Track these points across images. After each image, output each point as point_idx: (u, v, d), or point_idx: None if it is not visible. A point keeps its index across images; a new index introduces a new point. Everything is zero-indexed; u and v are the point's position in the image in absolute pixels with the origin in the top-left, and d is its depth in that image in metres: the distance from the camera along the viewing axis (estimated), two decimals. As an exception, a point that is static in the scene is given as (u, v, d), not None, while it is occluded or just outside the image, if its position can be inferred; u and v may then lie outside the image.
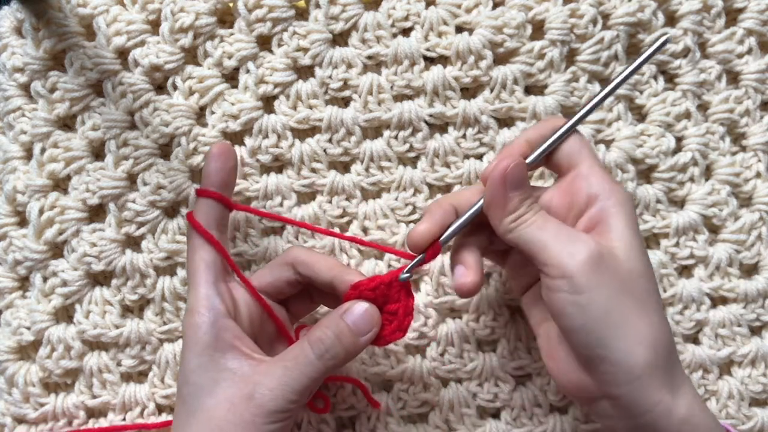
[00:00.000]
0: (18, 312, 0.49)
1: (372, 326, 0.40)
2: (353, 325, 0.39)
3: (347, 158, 0.49)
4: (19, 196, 0.48)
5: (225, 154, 0.43)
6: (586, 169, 0.39)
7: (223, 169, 0.43)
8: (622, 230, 0.37)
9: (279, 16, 0.48)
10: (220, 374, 0.39)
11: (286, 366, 0.38)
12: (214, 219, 0.43)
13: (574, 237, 0.37)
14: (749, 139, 0.51)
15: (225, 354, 0.39)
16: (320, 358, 0.38)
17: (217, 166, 0.43)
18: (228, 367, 0.39)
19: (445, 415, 0.49)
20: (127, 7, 0.48)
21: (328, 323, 0.40)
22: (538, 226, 0.38)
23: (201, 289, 0.41)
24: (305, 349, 0.39)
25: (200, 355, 0.39)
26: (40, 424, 0.49)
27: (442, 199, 0.42)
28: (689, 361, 0.50)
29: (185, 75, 0.48)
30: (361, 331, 0.40)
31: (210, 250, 0.42)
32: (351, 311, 0.40)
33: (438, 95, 0.49)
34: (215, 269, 0.42)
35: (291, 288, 0.44)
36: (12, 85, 0.48)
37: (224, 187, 0.43)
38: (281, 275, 0.44)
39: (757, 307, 0.50)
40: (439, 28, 0.48)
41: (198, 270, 0.41)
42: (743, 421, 0.50)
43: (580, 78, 0.49)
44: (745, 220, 0.50)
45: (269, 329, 0.44)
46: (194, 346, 0.39)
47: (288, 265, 0.43)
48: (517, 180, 0.38)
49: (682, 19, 0.50)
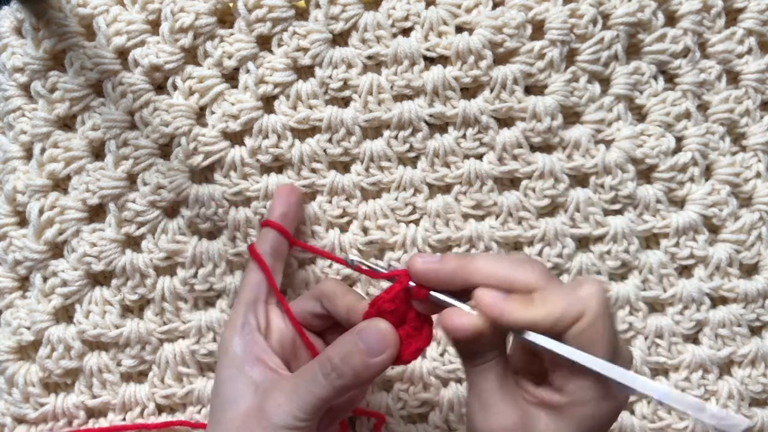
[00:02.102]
0: (18, 312, 0.49)
1: (386, 347, 0.37)
2: (364, 344, 0.37)
3: (347, 158, 0.49)
4: (19, 196, 0.48)
5: (295, 192, 0.47)
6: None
7: (290, 205, 0.46)
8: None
9: (279, 16, 0.48)
10: (246, 387, 0.39)
11: (296, 382, 0.38)
12: (271, 247, 0.44)
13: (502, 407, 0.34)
14: (749, 139, 0.51)
15: (253, 367, 0.39)
16: (326, 377, 0.37)
17: (286, 201, 0.46)
18: (253, 380, 0.39)
19: (445, 415, 0.49)
20: (127, 7, 0.48)
21: (341, 342, 0.38)
22: (482, 377, 0.35)
23: (240, 307, 0.42)
24: (314, 366, 0.38)
25: (230, 367, 0.40)
26: (40, 424, 0.49)
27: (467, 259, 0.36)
28: (689, 361, 0.50)
29: (185, 75, 0.48)
30: (373, 351, 0.37)
31: (258, 274, 0.44)
32: (365, 330, 0.37)
33: (438, 95, 0.49)
34: (257, 291, 0.43)
35: (317, 320, 0.44)
36: (12, 85, 0.48)
37: (288, 223, 0.46)
38: (306, 307, 0.44)
39: (757, 307, 0.50)
40: (439, 28, 0.48)
41: (243, 290, 0.43)
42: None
43: (580, 78, 0.49)
44: (745, 220, 0.50)
45: (303, 356, 0.43)
46: (225, 359, 0.40)
47: (316, 299, 0.43)
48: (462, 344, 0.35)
49: (682, 19, 0.50)
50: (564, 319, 0.32)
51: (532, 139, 0.49)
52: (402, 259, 0.49)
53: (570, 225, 0.50)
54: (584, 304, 0.32)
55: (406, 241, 0.49)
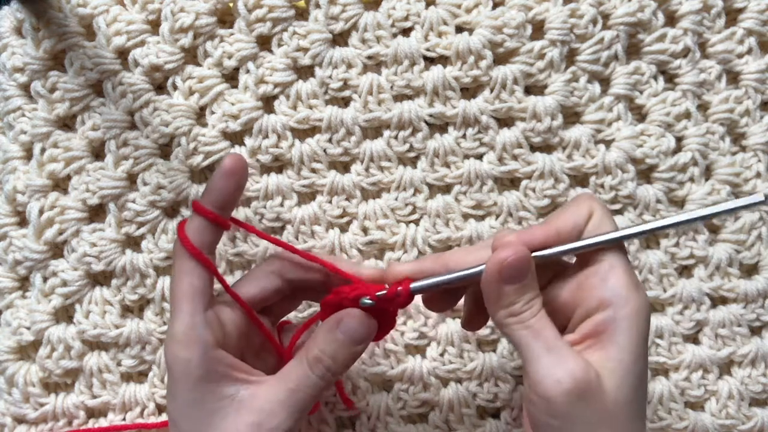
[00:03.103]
0: (18, 312, 0.49)
1: (369, 333, 0.39)
2: (348, 337, 0.38)
3: (347, 158, 0.49)
4: (19, 196, 0.48)
5: (237, 174, 0.39)
6: (606, 267, 0.36)
7: (228, 189, 0.39)
8: (624, 350, 0.34)
9: (279, 16, 0.48)
10: (219, 404, 0.37)
11: (290, 388, 0.38)
12: (209, 239, 0.39)
13: (564, 358, 0.34)
14: (749, 139, 0.51)
15: (219, 383, 0.37)
16: (322, 378, 0.38)
17: (224, 185, 0.39)
18: (225, 394, 0.37)
19: (445, 415, 0.49)
20: (127, 7, 0.48)
21: (324, 339, 0.38)
22: (532, 331, 0.35)
23: (187, 318, 0.37)
24: (305, 370, 0.38)
25: (193, 390, 0.37)
26: (40, 424, 0.49)
27: (439, 255, 0.40)
28: (689, 361, 0.50)
29: (185, 75, 0.48)
30: (356, 340, 0.38)
31: (200, 274, 0.38)
32: (345, 323, 0.38)
33: (438, 95, 0.49)
34: (204, 296, 0.38)
35: (278, 296, 0.42)
36: (12, 85, 0.48)
37: (225, 208, 0.39)
38: (268, 286, 0.41)
39: (757, 307, 0.50)
40: (439, 28, 0.48)
41: (185, 297, 0.38)
42: (743, 421, 0.50)
43: (580, 78, 0.49)
44: (745, 220, 0.50)
45: (255, 340, 0.42)
46: (185, 381, 0.37)
47: (274, 274, 0.41)
48: (514, 275, 0.35)
49: (682, 19, 0.50)
50: (579, 220, 0.36)
51: (532, 139, 0.49)
52: (402, 258, 0.49)
53: (570, 225, 0.50)
54: (589, 206, 0.37)
55: (406, 241, 0.49)
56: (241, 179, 0.39)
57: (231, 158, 0.39)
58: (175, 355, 0.37)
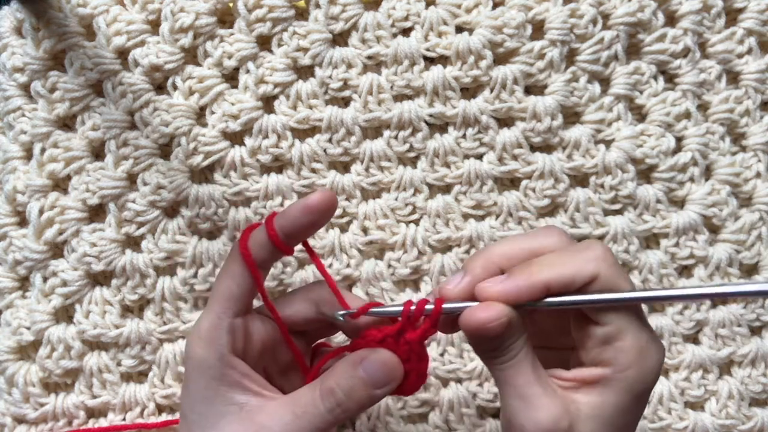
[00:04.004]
0: (18, 312, 0.49)
1: (391, 379, 0.36)
2: (369, 377, 0.35)
3: (347, 158, 0.49)
4: (19, 196, 0.48)
5: (318, 214, 0.37)
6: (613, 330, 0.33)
7: (302, 224, 0.37)
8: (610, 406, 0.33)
9: (279, 16, 0.48)
10: (227, 408, 0.37)
11: (295, 413, 0.36)
12: (266, 256, 0.38)
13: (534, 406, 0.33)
14: (749, 139, 0.51)
15: (231, 388, 0.37)
16: (331, 412, 0.35)
17: (300, 218, 0.37)
18: (235, 401, 0.37)
19: (445, 415, 0.49)
20: (127, 7, 0.48)
21: (342, 373, 0.36)
22: (506, 375, 0.34)
23: (214, 318, 0.37)
24: (316, 399, 0.36)
25: (206, 388, 0.37)
26: (40, 424, 0.49)
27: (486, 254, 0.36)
28: (689, 361, 0.50)
29: (185, 75, 0.48)
30: (377, 383, 0.35)
31: (242, 282, 0.37)
32: (368, 360, 0.35)
33: (438, 95, 0.49)
34: (238, 303, 0.38)
35: (309, 325, 0.41)
36: (12, 85, 0.48)
37: (294, 237, 0.37)
38: (299, 310, 0.40)
39: (757, 307, 0.50)
40: (439, 28, 0.48)
41: (220, 297, 0.38)
42: (743, 421, 0.50)
43: (580, 78, 0.49)
44: (745, 220, 0.50)
45: (284, 357, 0.41)
46: (201, 378, 0.37)
47: (311, 302, 0.40)
48: (493, 338, 0.33)
49: (682, 19, 0.50)
50: (577, 281, 0.33)
51: (532, 139, 0.49)
52: (402, 259, 0.49)
53: (570, 225, 0.50)
54: (596, 266, 0.33)
55: (406, 241, 0.49)
56: (321, 219, 0.37)
57: (321, 195, 0.36)
58: (193, 350, 0.38)
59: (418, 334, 0.35)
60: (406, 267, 0.49)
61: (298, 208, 0.37)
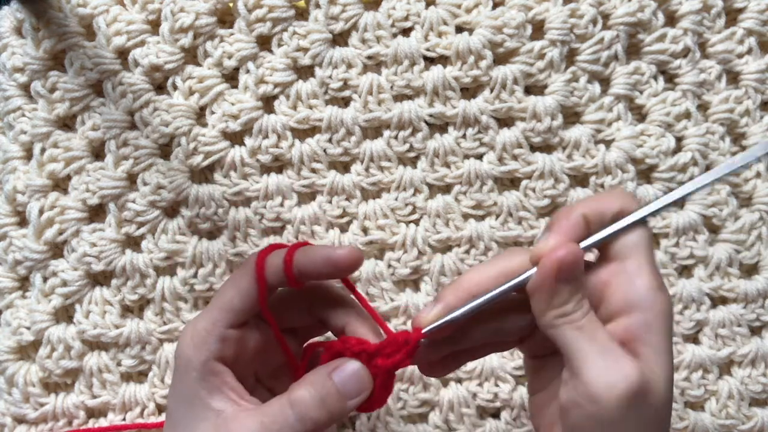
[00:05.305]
0: (18, 312, 0.49)
1: (361, 390, 0.36)
2: (341, 386, 0.35)
3: (347, 158, 0.49)
4: (19, 196, 0.48)
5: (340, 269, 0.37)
6: (634, 267, 0.34)
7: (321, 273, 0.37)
8: (663, 353, 0.33)
9: (279, 16, 0.48)
10: (204, 412, 0.37)
11: (263, 422, 0.35)
12: (280, 282, 0.37)
13: (618, 363, 0.32)
14: (749, 139, 0.51)
15: (210, 393, 0.37)
16: (300, 421, 0.35)
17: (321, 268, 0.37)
18: (213, 407, 0.36)
19: (445, 415, 0.49)
20: (127, 7, 0.48)
21: (314, 381, 0.35)
22: (584, 332, 0.33)
23: (208, 323, 0.37)
24: (285, 408, 0.35)
25: (189, 389, 0.37)
26: (40, 424, 0.49)
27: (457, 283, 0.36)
28: (689, 361, 0.50)
29: (185, 75, 0.48)
30: (349, 393, 0.35)
31: (246, 297, 0.37)
32: (341, 369, 0.35)
33: (438, 95, 0.49)
34: (237, 315, 0.37)
35: (301, 322, 0.40)
36: (12, 85, 0.48)
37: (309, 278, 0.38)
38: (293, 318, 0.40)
39: (757, 307, 0.50)
40: (439, 28, 0.48)
41: (220, 305, 0.38)
42: (743, 421, 0.50)
43: (580, 78, 0.49)
44: (745, 220, 0.50)
45: (276, 359, 0.41)
46: (185, 378, 0.37)
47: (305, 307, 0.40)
48: (571, 272, 0.33)
49: (682, 19, 0.50)
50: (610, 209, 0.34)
51: (532, 139, 0.49)
52: (402, 259, 0.49)
53: (570, 225, 0.50)
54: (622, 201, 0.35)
55: (406, 241, 0.49)
56: (341, 274, 0.37)
57: (349, 254, 0.36)
58: (182, 349, 0.38)
59: (391, 362, 0.35)
60: (406, 267, 0.49)
61: (322, 257, 0.36)
